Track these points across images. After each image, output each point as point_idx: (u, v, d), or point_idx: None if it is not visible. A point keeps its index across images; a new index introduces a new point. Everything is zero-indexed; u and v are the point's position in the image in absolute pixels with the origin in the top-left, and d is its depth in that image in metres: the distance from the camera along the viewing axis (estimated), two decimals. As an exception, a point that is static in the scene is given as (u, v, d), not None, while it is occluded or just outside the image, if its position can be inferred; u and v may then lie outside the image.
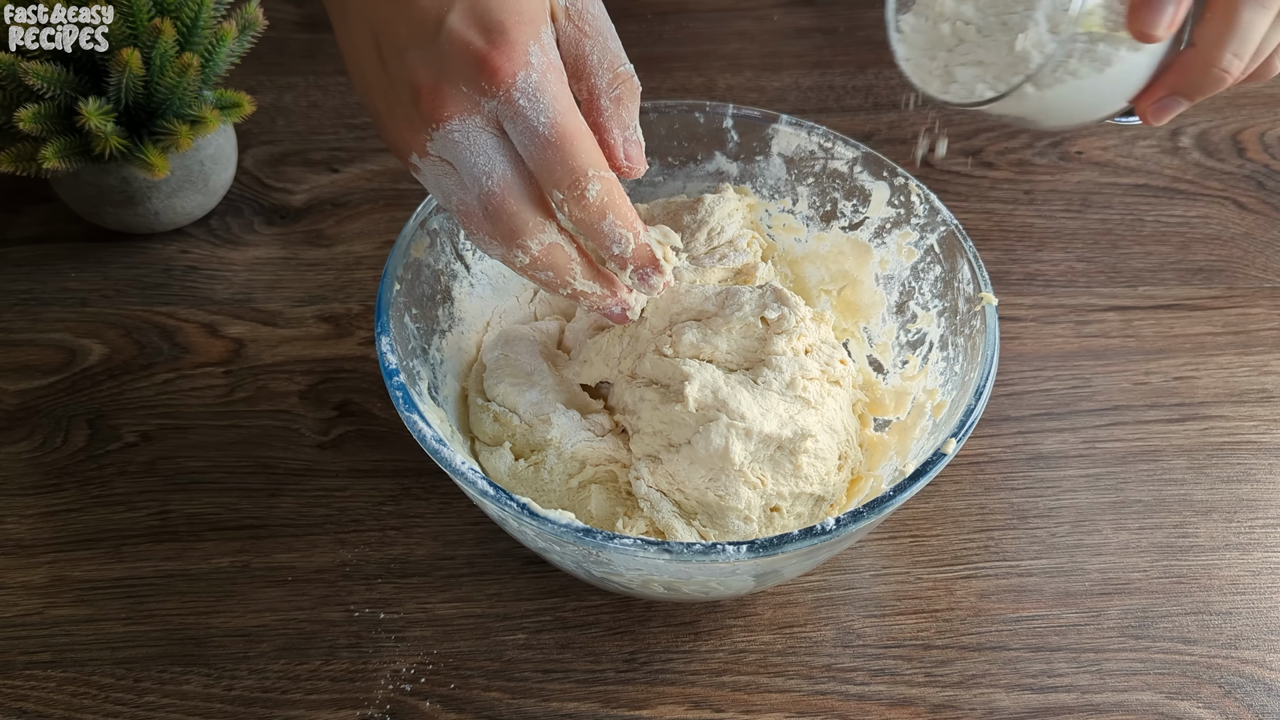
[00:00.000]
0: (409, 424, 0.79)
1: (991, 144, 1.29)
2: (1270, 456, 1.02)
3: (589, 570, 0.82)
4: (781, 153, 1.01)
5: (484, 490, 0.76)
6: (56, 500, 0.97)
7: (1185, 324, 1.12)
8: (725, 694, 0.87)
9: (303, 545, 0.95)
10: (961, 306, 0.92)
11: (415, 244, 0.90)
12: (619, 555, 0.75)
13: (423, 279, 0.91)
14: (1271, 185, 1.25)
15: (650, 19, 1.44)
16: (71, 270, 1.14)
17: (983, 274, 0.91)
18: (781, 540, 0.74)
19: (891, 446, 0.92)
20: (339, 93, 1.33)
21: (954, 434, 0.81)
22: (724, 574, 0.79)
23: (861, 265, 1.01)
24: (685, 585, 0.83)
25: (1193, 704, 0.87)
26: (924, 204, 0.96)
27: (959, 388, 0.88)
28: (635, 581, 0.82)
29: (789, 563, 0.79)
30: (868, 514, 0.76)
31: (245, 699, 0.86)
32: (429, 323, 0.92)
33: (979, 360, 0.86)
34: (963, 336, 0.91)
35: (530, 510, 0.75)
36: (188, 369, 1.06)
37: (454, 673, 0.88)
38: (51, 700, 0.86)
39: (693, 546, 0.74)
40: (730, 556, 0.73)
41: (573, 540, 0.75)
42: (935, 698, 0.87)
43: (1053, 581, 0.94)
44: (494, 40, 0.72)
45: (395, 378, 0.81)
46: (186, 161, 1.10)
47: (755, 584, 0.85)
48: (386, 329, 0.84)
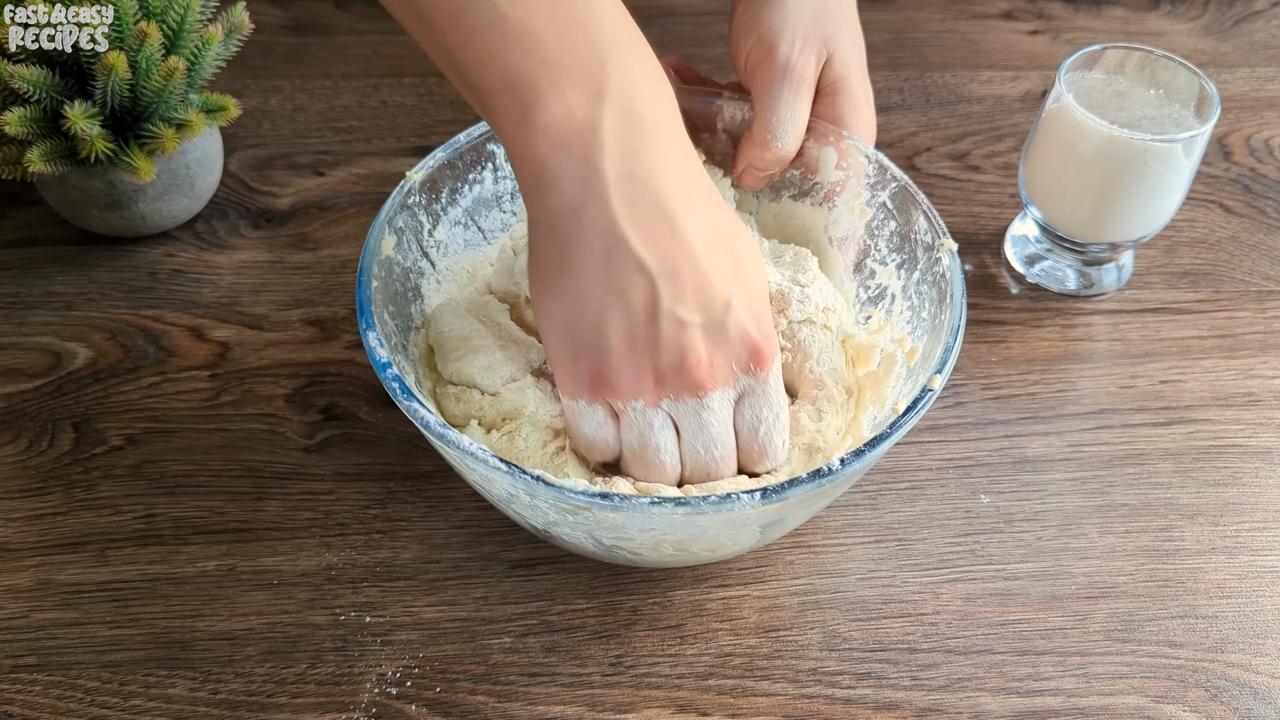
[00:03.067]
0: (410, 412, 0.79)
1: (978, 147, 1.29)
2: (1256, 460, 1.02)
3: (598, 539, 0.82)
4: (726, 129, 1.03)
5: (495, 466, 0.76)
6: (42, 504, 0.97)
7: (1171, 327, 1.12)
8: (711, 698, 0.87)
9: (288, 549, 0.95)
10: (920, 256, 0.94)
11: (384, 242, 0.90)
12: (635, 516, 0.76)
13: (394, 277, 0.91)
14: (1258, 189, 1.26)
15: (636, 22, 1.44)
16: (57, 274, 1.13)
17: (939, 223, 0.93)
18: (791, 484, 0.76)
19: (867, 396, 0.94)
20: (324, 96, 1.33)
21: (938, 370, 0.84)
22: (735, 525, 0.81)
23: (814, 229, 1.02)
24: (694, 544, 0.83)
25: (1179, 707, 0.87)
26: (872, 163, 0.98)
27: (930, 331, 0.91)
28: (646, 545, 0.83)
29: (796, 509, 0.82)
30: (869, 451, 0.78)
31: (231, 703, 0.86)
32: (404, 320, 0.92)
33: (948, 303, 0.89)
34: (926, 284, 0.93)
35: (545, 480, 0.75)
36: (173, 372, 1.06)
37: (440, 676, 0.88)
38: (37, 704, 0.86)
39: (708, 499, 0.75)
40: (745, 505, 0.75)
41: (589, 505, 0.75)
42: (921, 701, 0.87)
43: (1039, 585, 0.94)
44: (762, 329, 0.81)
45: (389, 370, 0.81)
46: (172, 165, 1.10)
47: (761, 536, 0.86)
48: (372, 324, 0.84)
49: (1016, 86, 1.37)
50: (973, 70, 1.39)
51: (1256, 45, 1.44)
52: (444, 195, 0.97)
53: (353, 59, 1.38)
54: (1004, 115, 1.33)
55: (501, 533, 0.96)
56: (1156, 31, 1.46)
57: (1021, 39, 1.44)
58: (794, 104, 0.96)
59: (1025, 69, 1.39)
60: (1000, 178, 1.26)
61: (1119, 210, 1.06)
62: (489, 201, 1.00)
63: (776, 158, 0.97)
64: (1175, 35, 1.45)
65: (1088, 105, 1.05)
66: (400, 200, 0.92)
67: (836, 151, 0.99)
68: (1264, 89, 1.37)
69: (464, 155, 0.97)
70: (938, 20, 1.46)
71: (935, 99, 1.35)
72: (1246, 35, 1.45)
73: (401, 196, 0.93)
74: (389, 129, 1.29)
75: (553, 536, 0.86)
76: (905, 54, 1.41)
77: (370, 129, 1.29)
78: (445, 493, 0.98)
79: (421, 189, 0.94)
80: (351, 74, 1.36)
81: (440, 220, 0.97)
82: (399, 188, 0.93)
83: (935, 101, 1.35)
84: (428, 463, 0.99)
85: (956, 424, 1.04)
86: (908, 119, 1.33)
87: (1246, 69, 1.40)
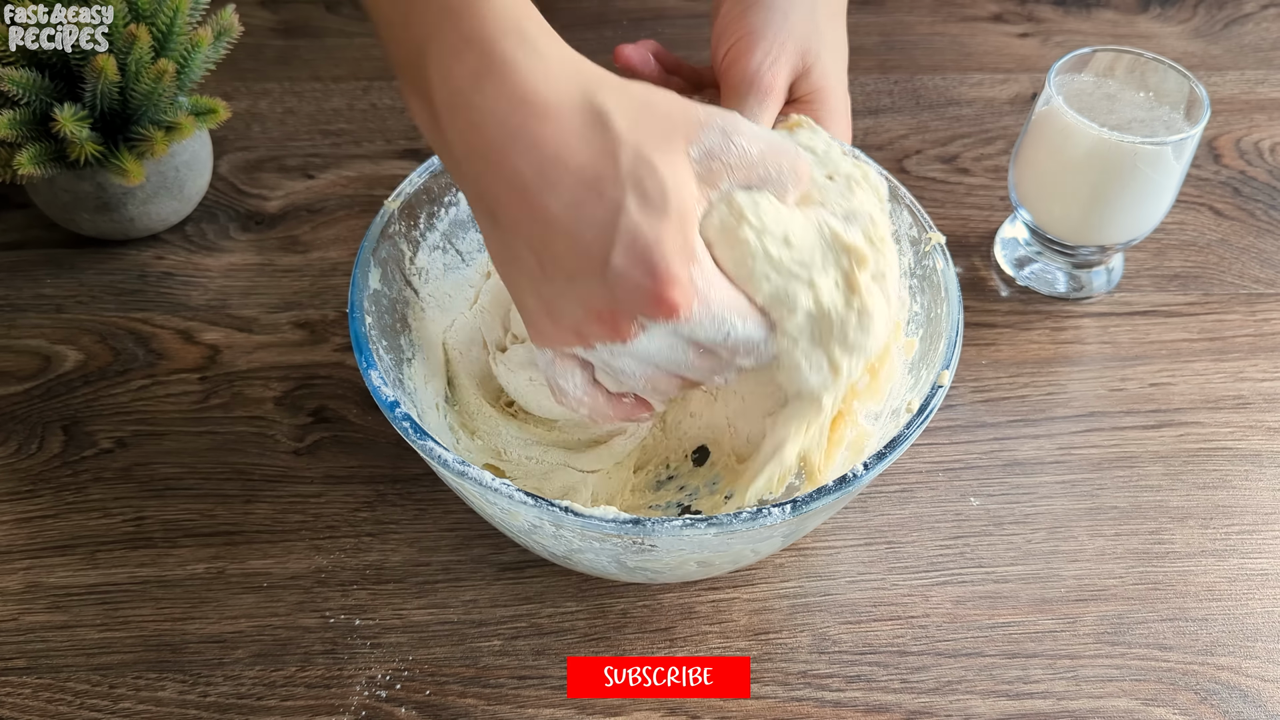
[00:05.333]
0: (424, 451, 0.78)
1: (968, 150, 1.29)
2: (1246, 463, 1.02)
3: (623, 562, 0.82)
4: None
5: (522, 500, 0.75)
6: (32, 506, 0.97)
7: (1161, 330, 1.12)
8: (701, 701, 0.87)
9: (278, 551, 0.95)
10: (907, 250, 0.94)
11: (370, 275, 0.90)
12: (667, 539, 0.76)
13: (382, 308, 0.91)
14: (1247, 191, 1.26)
15: (626, 25, 1.44)
16: (47, 276, 1.13)
17: (924, 217, 0.93)
18: (819, 493, 0.76)
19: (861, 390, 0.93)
20: (314, 99, 1.33)
21: (945, 366, 0.85)
22: (762, 538, 0.81)
23: None
24: (719, 558, 0.84)
25: (1168, 710, 0.87)
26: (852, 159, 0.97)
27: (925, 326, 0.91)
28: (670, 565, 0.83)
29: (820, 516, 0.82)
30: (890, 453, 0.79)
31: (221, 705, 0.86)
32: (396, 353, 0.92)
33: (943, 296, 0.89)
34: (917, 278, 0.93)
35: (574, 510, 0.75)
36: (163, 375, 1.06)
37: (429, 679, 0.88)
38: (27, 707, 0.86)
39: (739, 515, 0.75)
40: (775, 519, 0.75)
41: (618, 532, 0.75)
42: (911, 704, 0.87)
43: (1028, 588, 0.94)
44: (659, 279, 0.73)
45: (397, 409, 0.80)
46: (162, 168, 1.10)
47: (781, 543, 0.86)
48: (373, 363, 0.83)
49: (1006, 89, 1.37)
50: (962, 73, 1.39)
51: (1246, 48, 1.44)
52: (422, 220, 0.97)
53: (342, 62, 1.38)
54: (994, 118, 1.34)
55: (491, 535, 0.96)
56: (1146, 34, 1.46)
57: (1011, 41, 1.44)
58: (758, 113, 0.95)
59: (1015, 72, 1.39)
60: (990, 180, 1.26)
61: (1109, 213, 1.07)
62: (465, 223, 1.00)
63: None
64: (1165, 38, 1.45)
65: (1077, 108, 1.06)
66: (381, 229, 0.92)
67: None
68: (1254, 92, 1.38)
69: (438, 177, 0.97)
70: (928, 23, 1.47)
71: (925, 102, 1.36)
72: (1236, 38, 1.45)
73: (382, 225, 0.92)
74: (378, 132, 1.29)
75: (571, 561, 0.86)
76: (895, 57, 1.42)
77: (360, 132, 1.29)
78: (434, 495, 0.98)
79: (400, 216, 0.94)
80: (341, 77, 1.36)
81: (420, 247, 0.97)
82: (379, 216, 0.92)
83: (925, 104, 1.35)
84: (417, 466, 0.99)
85: (946, 426, 1.04)
86: (897, 122, 1.33)
87: (1236, 72, 1.41)
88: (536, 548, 0.85)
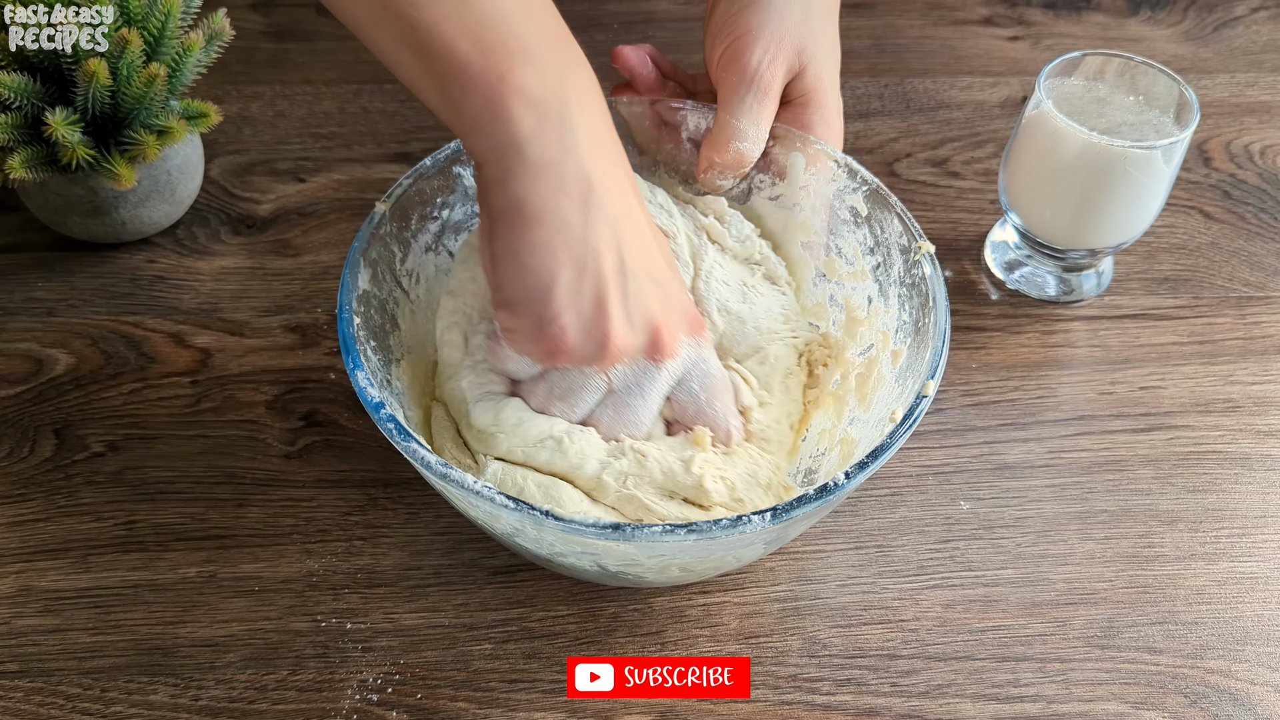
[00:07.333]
0: (408, 453, 0.78)
1: (958, 153, 1.30)
2: (1236, 466, 1.02)
3: (605, 566, 0.82)
4: (691, 137, 1.03)
5: (504, 504, 0.76)
6: (23, 510, 0.97)
7: (1151, 333, 1.12)
8: (691, 704, 0.87)
9: (269, 555, 0.95)
10: (897, 259, 0.94)
11: (360, 275, 0.90)
12: (647, 544, 0.76)
13: (372, 309, 0.91)
14: (1237, 195, 1.26)
15: (617, 28, 1.44)
16: (38, 280, 1.13)
17: (914, 225, 0.93)
18: (799, 502, 0.76)
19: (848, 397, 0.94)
20: (305, 102, 1.33)
21: (930, 376, 0.84)
22: (743, 545, 0.81)
23: (786, 232, 1.03)
24: (700, 564, 0.84)
25: (1158, 714, 0.87)
26: (842, 167, 0.98)
27: (913, 334, 0.91)
28: (653, 569, 0.83)
29: (801, 524, 0.82)
30: (872, 462, 0.79)
31: (212, 709, 0.86)
32: (385, 353, 0.92)
33: (930, 305, 0.89)
34: (905, 286, 0.93)
35: (554, 515, 0.75)
36: (154, 379, 1.06)
37: (420, 683, 0.88)
38: (19, 710, 0.86)
39: (719, 523, 0.75)
40: (755, 526, 0.75)
41: (598, 537, 0.75)
42: (901, 708, 0.88)
43: (1018, 591, 0.94)
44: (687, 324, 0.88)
45: (382, 410, 0.80)
46: (153, 171, 1.10)
47: (764, 550, 0.87)
48: (360, 363, 0.83)
49: (996, 92, 1.37)
50: (953, 76, 1.39)
51: (1236, 51, 1.44)
52: (413, 222, 0.96)
53: (334, 65, 1.38)
54: (984, 121, 1.34)
55: (482, 540, 0.96)
56: (1136, 37, 1.46)
57: (1001, 45, 1.44)
58: (758, 111, 0.96)
59: (1005, 75, 1.40)
60: (980, 184, 1.26)
61: (1099, 216, 1.07)
62: (456, 225, 1.00)
63: (734, 160, 0.98)
64: (1155, 41, 1.46)
65: (1067, 112, 1.06)
66: (371, 230, 0.92)
67: (805, 157, 0.99)
68: (1244, 94, 1.38)
69: (429, 179, 0.97)
70: (918, 26, 1.47)
71: (915, 105, 1.36)
72: (1226, 41, 1.46)
73: (372, 226, 0.92)
74: (370, 135, 1.29)
75: (554, 564, 0.86)
76: (886, 60, 1.42)
77: (351, 135, 1.29)
78: (426, 499, 0.98)
79: (391, 217, 0.94)
80: (332, 80, 1.36)
81: (410, 248, 0.97)
82: (369, 219, 0.92)
83: (915, 107, 1.35)
84: (408, 470, 0.99)
85: (936, 430, 1.04)
86: (888, 125, 1.33)
87: (1226, 75, 1.41)
88: (523, 551, 0.85)
